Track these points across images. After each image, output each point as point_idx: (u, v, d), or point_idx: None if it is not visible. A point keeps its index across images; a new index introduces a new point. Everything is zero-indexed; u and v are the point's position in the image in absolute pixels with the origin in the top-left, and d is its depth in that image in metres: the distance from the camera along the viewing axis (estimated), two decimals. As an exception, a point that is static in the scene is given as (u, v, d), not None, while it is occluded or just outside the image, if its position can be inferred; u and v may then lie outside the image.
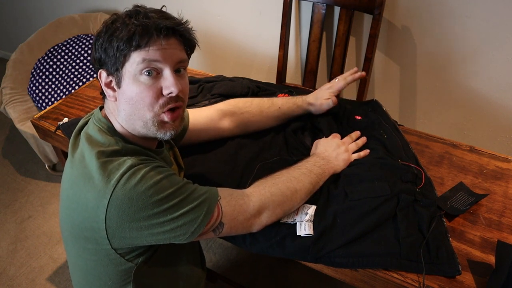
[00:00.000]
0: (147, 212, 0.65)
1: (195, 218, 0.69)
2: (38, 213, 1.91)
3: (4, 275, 1.64)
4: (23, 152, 2.29)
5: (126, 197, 0.64)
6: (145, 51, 0.66)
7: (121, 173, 0.66)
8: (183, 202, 0.68)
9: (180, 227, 0.68)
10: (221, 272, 1.61)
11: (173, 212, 0.67)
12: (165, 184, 0.67)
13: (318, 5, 1.51)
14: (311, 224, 0.82)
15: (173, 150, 0.91)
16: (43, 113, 1.24)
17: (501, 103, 1.43)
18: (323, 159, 0.92)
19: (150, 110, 0.69)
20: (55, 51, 2.15)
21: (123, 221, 0.65)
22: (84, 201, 0.67)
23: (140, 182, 0.65)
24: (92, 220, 0.67)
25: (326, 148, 0.96)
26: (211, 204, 0.71)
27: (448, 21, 1.36)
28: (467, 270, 0.76)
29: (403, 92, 1.63)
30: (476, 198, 0.89)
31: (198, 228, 0.69)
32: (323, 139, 1.01)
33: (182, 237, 0.69)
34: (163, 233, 0.67)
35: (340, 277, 0.81)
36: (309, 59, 1.62)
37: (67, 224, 0.74)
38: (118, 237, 0.67)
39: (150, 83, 0.68)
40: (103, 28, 0.69)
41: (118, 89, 0.70)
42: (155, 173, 0.68)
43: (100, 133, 0.72)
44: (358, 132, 1.05)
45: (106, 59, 0.69)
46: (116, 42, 0.66)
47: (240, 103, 1.04)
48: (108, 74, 0.70)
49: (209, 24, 1.91)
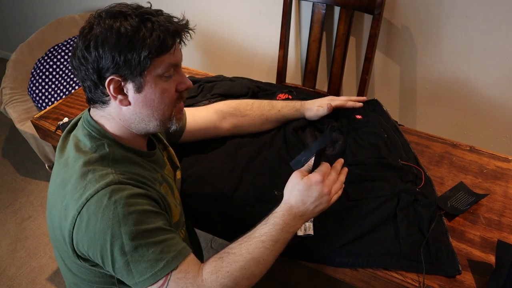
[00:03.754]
0: (106, 237, 0.62)
1: (142, 272, 0.63)
2: (38, 213, 1.91)
3: (4, 275, 1.64)
4: (23, 152, 2.29)
5: (93, 214, 0.62)
6: (170, 55, 0.68)
7: (98, 188, 0.63)
8: (142, 248, 0.63)
9: (128, 272, 0.64)
10: (221, 272, 1.61)
11: (128, 252, 0.62)
12: (136, 219, 0.63)
13: (318, 5, 1.51)
14: (311, 225, 0.82)
15: (167, 150, 0.90)
16: (43, 113, 1.24)
17: (501, 103, 1.43)
18: (295, 218, 0.73)
19: (170, 109, 0.72)
20: (55, 51, 2.15)
21: (85, 237, 0.63)
22: (60, 207, 0.66)
23: (111, 205, 0.62)
24: (63, 229, 0.66)
25: (304, 199, 0.73)
26: (164, 269, 0.64)
27: (448, 21, 1.36)
28: (467, 269, 0.76)
29: (403, 92, 1.63)
30: (476, 198, 0.89)
31: (141, 284, 0.64)
32: (303, 180, 0.74)
33: (127, 281, 0.65)
34: (112, 266, 0.64)
35: (340, 277, 0.81)
36: (309, 59, 1.62)
37: (49, 229, 0.74)
38: (82, 251, 0.66)
39: (170, 83, 0.71)
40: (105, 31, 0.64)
41: (138, 93, 0.68)
42: (132, 203, 0.64)
43: (89, 138, 0.71)
44: (341, 160, 0.82)
45: (125, 66, 0.65)
46: (142, 48, 0.64)
47: (241, 106, 1.04)
48: (124, 80, 0.66)
49: (209, 24, 1.91)
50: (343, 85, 1.73)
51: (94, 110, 0.73)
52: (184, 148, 0.99)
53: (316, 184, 0.73)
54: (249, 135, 1.06)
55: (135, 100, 0.69)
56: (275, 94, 1.22)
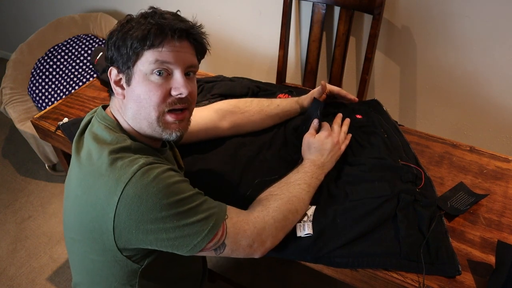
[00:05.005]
0: (156, 214, 0.64)
1: (199, 231, 0.67)
2: (38, 213, 1.92)
3: (4, 275, 1.64)
4: (23, 152, 2.29)
5: (137, 195, 0.63)
6: (158, 51, 0.67)
7: (133, 170, 0.65)
8: (191, 211, 0.67)
9: (184, 237, 0.66)
10: (221, 272, 1.61)
11: (180, 219, 0.65)
12: (177, 189, 0.66)
13: (318, 5, 1.51)
14: (310, 224, 0.82)
15: (173, 150, 0.91)
16: (43, 113, 1.24)
17: (501, 103, 1.43)
18: (319, 168, 0.88)
19: (156, 110, 0.70)
20: (55, 51, 2.15)
21: (131, 220, 0.64)
22: (94, 199, 0.67)
23: (152, 183, 0.64)
24: (101, 219, 0.66)
25: (322, 152, 0.90)
26: (218, 221, 0.69)
27: (448, 21, 1.36)
28: (467, 270, 0.76)
29: (403, 92, 1.63)
30: (476, 198, 0.89)
31: (201, 242, 0.67)
32: (315, 138, 0.93)
33: (184, 248, 0.67)
34: (167, 240, 0.66)
35: (340, 277, 0.81)
36: (309, 59, 1.62)
37: (75, 224, 0.73)
38: (124, 238, 0.67)
39: (159, 83, 0.69)
40: (117, 27, 0.70)
41: (128, 87, 0.70)
42: (167, 176, 0.67)
43: (107, 130, 0.72)
44: (340, 114, 1.03)
45: (118, 57, 0.69)
46: (130, 40, 0.67)
47: (240, 103, 1.04)
48: (118, 72, 0.71)
49: (209, 24, 1.91)
50: (343, 85, 1.73)
51: (110, 103, 0.77)
52: (184, 148, 0.99)
53: (326, 137, 0.92)
54: (249, 134, 1.06)
55: (127, 93, 0.71)
56: (275, 94, 1.22)
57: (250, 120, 1.04)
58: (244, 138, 1.05)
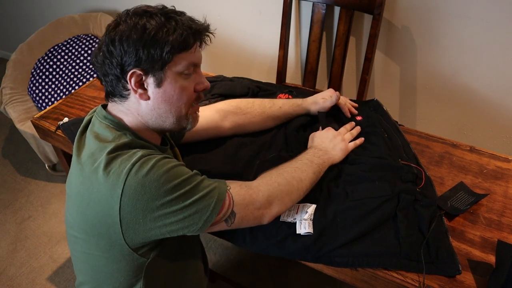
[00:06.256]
0: (160, 200, 0.66)
1: (207, 206, 0.69)
2: (38, 213, 1.91)
3: (4, 275, 1.64)
4: (23, 152, 2.29)
5: (139, 185, 0.65)
6: (191, 53, 0.72)
7: (133, 162, 0.67)
8: (194, 189, 0.69)
9: (193, 216, 0.68)
10: (221, 272, 1.61)
11: (185, 199, 0.68)
12: (176, 172, 0.69)
13: (318, 5, 1.51)
14: (310, 223, 0.82)
15: (173, 150, 0.91)
16: (43, 113, 1.24)
17: (501, 103, 1.43)
18: (321, 150, 0.93)
19: (187, 107, 0.76)
20: (55, 51, 2.15)
21: (137, 210, 0.66)
22: (97, 195, 0.68)
23: (151, 170, 0.66)
24: (106, 214, 0.67)
25: (323, 139, 0.97)
26: (222, 192, 0.72)
27: (448, 21, 1.36)
28: (467, 269, 0.76)
29: (403, 92, 1.63)
30: (476, 198, 0.89)
31: (210, 216, 0.70)
32: (318, 132, 1.02)
33: (195, 226, 0.69)
34: (176, 222, 0.68)
35: (340, 277, 0.82)
36: (309, 59, 1.63)
37: (79, 222, 0.74)
38: (132, 229, 0.68)
39: (189, 82, 0.74)
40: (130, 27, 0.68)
41: (158, 88, 0.72)
42: (165, 162, 0.69)
43: (109, 129, 0.73)
44: (352, 122, 1.07)
45: (147, 60, 0.69)
46: (164, 44, 0.68)
47: (242, 104, 1.04)
48: (145, 74, 0.70)
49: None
50: (343, 85, 1.73)
51: (113, 105, 0.76)
52: (184, 148, 0.99)
53: (329, 130, 1.00)
54: (249, 134, 1.06)
55: (155, 95, 0.72)
56: (275, 94, 1.22)
57: (251, 121, 1.05)
58: (244, 138, 1.05)
